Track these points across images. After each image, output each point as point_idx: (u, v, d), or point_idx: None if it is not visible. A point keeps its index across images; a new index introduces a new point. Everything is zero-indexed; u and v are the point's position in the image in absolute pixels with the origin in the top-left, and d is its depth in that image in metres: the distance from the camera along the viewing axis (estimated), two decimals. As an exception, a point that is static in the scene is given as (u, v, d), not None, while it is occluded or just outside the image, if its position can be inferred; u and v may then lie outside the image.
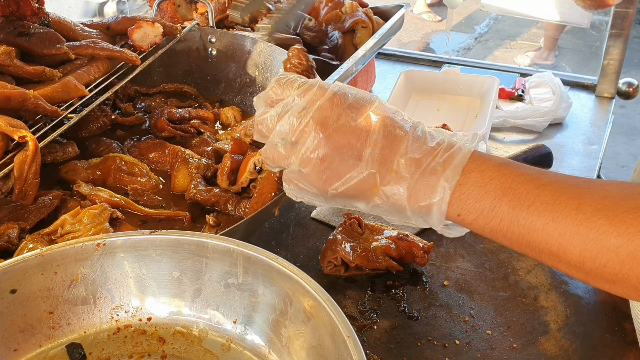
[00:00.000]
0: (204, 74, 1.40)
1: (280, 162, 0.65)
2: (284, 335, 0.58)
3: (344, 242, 0.99)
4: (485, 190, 0.59)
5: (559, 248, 0.56)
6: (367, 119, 0.62)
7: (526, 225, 0.57)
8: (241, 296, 0.61)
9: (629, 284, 0.54)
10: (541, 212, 0.56)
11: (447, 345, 0.89)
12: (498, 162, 0.61)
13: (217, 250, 0.62)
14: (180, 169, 1.09)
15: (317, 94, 0.63)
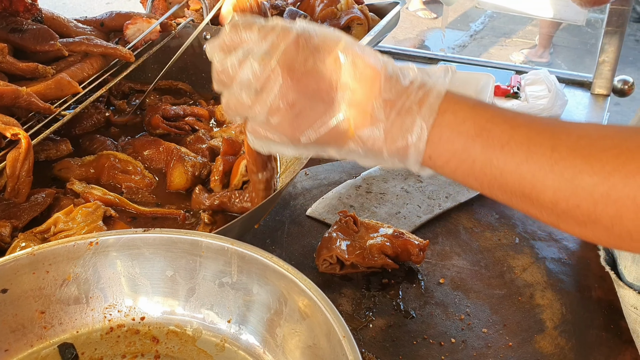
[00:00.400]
0: (198, 71, 1.39)
1: (244, 111, 0.60)
2: (279, 334, 0.57)
3: (340, 240, 0.98)
4: (458, 132, 0.56)
5: (532, 189, 0.54)
6: (336, 61, 0.58)
7: (499, 166, 0.55)
8: (235, 295, 0.61)
9: (601, 224, 0.53)
10: (515, 152, 0.54)
11: (442, 344, 0.89)
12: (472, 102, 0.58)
13: (211, 249, 0.61)
14: (176, 167, 1.08)
15: (280, 36, 0.58)
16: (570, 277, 1.01)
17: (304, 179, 1.21)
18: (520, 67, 1.95)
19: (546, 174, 0.53)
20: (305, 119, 0.58)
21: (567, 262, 1.03)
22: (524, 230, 1.09)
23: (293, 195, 1.17)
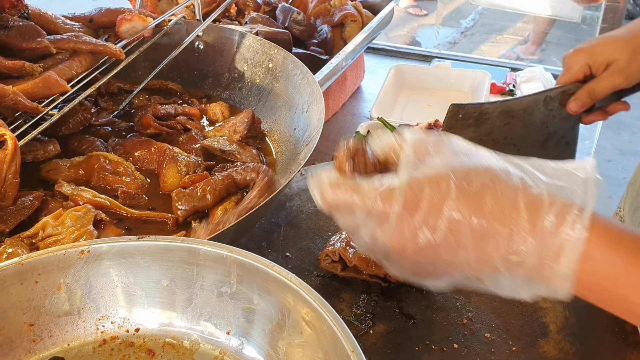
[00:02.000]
0: (190, 69, 1.36)
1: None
2: (281, 347, 0.55)
3: (349, 239, 0.96)
4: (611, 261, 0.52)
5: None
6: (457, 211, 0.52)
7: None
8: (235, 306, 0.58)
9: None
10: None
11: (445, 349, 0.87)
12: (618, 228, 0.53)
13: (209, 257, 0.58)
14: (169, 167, 1.05)
15: (386, 206, 0.54)
16: (572, 279, 0.99)
17: (300, 180, 1.19)
18: (515, 64, 1.93)
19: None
20: (449, 266, 0.55)
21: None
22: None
23: (289, 196, 1.14)
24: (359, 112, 1.82)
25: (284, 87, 1.17)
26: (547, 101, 0.88)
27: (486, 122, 0.82)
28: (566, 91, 0.90)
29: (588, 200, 0.54)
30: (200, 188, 0.95)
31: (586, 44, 0.93)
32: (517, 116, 0.85)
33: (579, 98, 0.91)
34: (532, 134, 0.89)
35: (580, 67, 0.91)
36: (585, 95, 0.91)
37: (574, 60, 0.92)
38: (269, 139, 1.16)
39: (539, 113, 0.88)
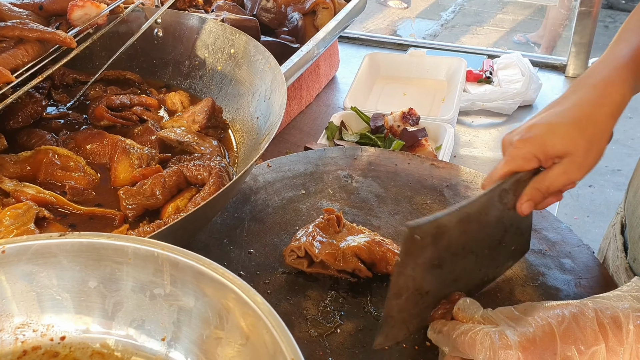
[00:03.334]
0: (149, 58, 1.28)
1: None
2: (220, 354, 0.48)
3: (315, 234, 0.89)
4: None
5: None
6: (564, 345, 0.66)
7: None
8: (169, 309, 0.52)
9: None
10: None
11: (417, 348, 0.81)
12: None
13: (139, 256, 0.52)
14: (120, 160, 0.97)
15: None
16: (551, 270, 0.93)
17: (266, 172, 1.12)
18: (492, 51, 1.88)
19: None
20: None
21: (547, 254, 0.96)
22: (502, 221, 1.01)
23: (254, 189, 1.08)
24: (334, 102, 1.76)
25: (247, 73, 1.10)
26: (502, 195, 0.78)
27: (444, 236, 0.73)
28: (520, 179, 0.78)
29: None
30: (149, 185, 0.88)
31: (530, 132, 0.78)
32: (474, 220, 0.76)
33: (531, 198, 0.78)
34: (489, 235, 0.80)
35: (529, 160, 0.77)
36: (537, 194, 0.78)
37: (520, 152, 0.77)
38: (231, 129, 1.10)
39: (495, 210, 0.78)
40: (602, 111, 0.77)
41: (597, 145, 0.76)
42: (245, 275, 0.91)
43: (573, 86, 0.82)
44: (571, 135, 0.76)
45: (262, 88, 1.04)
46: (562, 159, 0.76)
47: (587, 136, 0.76)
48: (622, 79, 0.79)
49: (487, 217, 0.78)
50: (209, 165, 0.89)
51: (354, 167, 1.15)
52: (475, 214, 0.76)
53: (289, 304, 0.87)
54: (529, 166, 0.78)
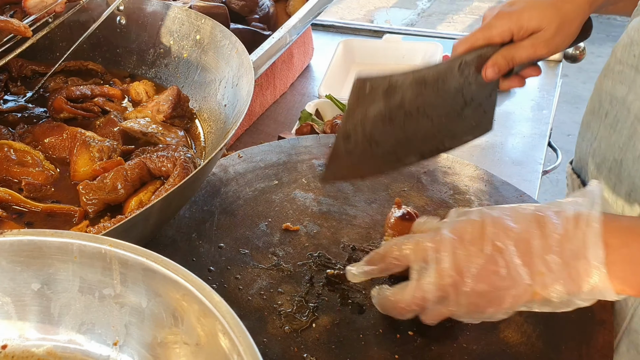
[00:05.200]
0: (112, 47, 1.23)
1: (447, 316, 0.69)
2: (175, 357, 0.44)
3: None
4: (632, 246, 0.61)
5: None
6: (492, 242, 0.64)
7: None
8: (121, 311, 0.47)
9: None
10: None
11: (399, 336, 0.77)
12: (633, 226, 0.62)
13: (86, 254, 0.47)
14: (80, 153, 0.92)
15: (439, 246, 0.66)
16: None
17: (237, 162, 1.07)
18: (469, 36, 1.85)
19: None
20: (496, 301, 0.65)
21: (529, 239, 0.94)
22: (481, 205, 0.98)
23: (224, 181, 1.03)
24: (309, 91, 1.71)
25: (213, 59, 1.05)
26: (463, 67, 0.79)
27: (396, 94, 0.75)
28: (482, 55, 0.80)
29: (595, 204, 0.63)
30: (110, 179, 0.83)
31: (512, 6, 0.82)
32: (430, 85, 0.77)
33: (496, 64, 0.81)
34: (446, 103, 0.81)
35: (502, 31, 0.81)
36: (503, 61, 0.81)
37: (497, 22, 0.81)
38: (198, 118, 1.05)
39: (454, 80, 0.79)
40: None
41: (567, 26, 0.81)
42: (215, 271, 0.86)
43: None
44: (547, 12, 0.81)
45: (229, 74, 0.99)
46: (533, 34, 0.81)
47: (560, 15, 0.81)
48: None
49: (445, 85, 0.79)
50: (174, 156, 0.84)
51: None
52: (432, 80, 0.77)
53: (262, 299, 0.83)
54: (501, 37, 0.81)
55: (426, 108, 0.79)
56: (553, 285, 0.62)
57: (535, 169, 1.37)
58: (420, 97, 0.77)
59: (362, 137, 0.76)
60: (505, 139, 1.46)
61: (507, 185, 1.04)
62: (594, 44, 4.26)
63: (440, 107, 0.81)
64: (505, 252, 0.63)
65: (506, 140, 1.45)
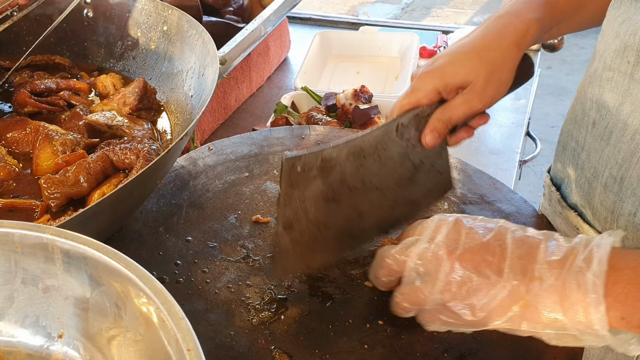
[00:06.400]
0: (80, 40, 1.20)
1: (422, 298, 0.65)
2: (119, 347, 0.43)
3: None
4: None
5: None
6: (497, 234, 0.61)
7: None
8: (65, 302, 0.45)
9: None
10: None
11: (368, 326, 0.76)
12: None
13: (27, 244, 0.45)
14: (42, 147, 0.90)
15: (441, 223, 0.64)
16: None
17: (207, 155, 1.06)
18: (446, 27, 1.84)
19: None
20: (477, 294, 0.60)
21: (502, 226, 0.93)
22: (453, 194, 0.97)
23: (193, 174, 1.01)
24: (286, 84, 1.70)
25: (180, 50, 1.03)
26: (401, 130, 0.74)
27: (334, 169, 0.69)
28: (419, 114, 0.75)
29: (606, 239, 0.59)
30: (72, 172, 0.81)
31: (434, 63, 0.76)
32: (369, 155, 0.71)
33: (435, 129, 0.76)
34: (394, 171, 0.75)
35: (427, 92, 0.75)
36: (440, 125, 0.76)
37: (421, 83, 0.75)
38: (166, 111, 1.03)
39: (395, 146, 0.74)
40: (504, 40, 0.75)
41: (498, 74, 0.75)
42: (182, 265, 0.85)
43: (483, 23, 0.81)
44: (471, 63, 0.74)
45: (196, 65, 0.97)
46: (464, 89, 0.75)
47: (487, 64, 0.74)
48: (528, 10, 0.77)
49: (387, 152, 0.74)
50: (137, 148, 0.82)
51: (301, 147, 1.10)
52: (370, 149, 0.72)
53: (230, 292, 0.81)
54: (427, 99, 0.75)
55: (372, 179, 0.73)
56: (542, 294, 0.57)
57: (512, 158, 1.37)
58: (362, 169, 0.71)
59: (306, 223, 0.70)
60: (482, 128, 1.44)
61: (480, 173, 1.03)
62: (577, 36, 4.27)
63: (388, 177, 0.75)
64: (505, 247, 0.60)
65: (483, 130, 1.44)
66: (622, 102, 0.74)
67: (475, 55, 0.74)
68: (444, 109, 0.76)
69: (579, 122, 0.84)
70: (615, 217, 0.78)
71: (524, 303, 0.58)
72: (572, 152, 0.88)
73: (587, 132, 0.82)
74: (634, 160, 0.73)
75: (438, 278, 0.61)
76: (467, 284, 0.60)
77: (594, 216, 0.82)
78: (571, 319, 0.57)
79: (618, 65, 0.74)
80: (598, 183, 0.80)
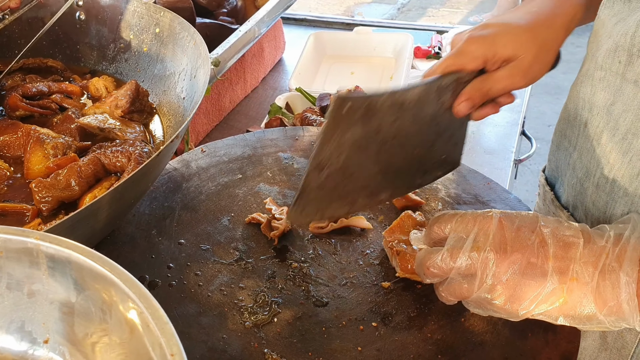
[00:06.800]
0: (73, 43, 1.20)
1: (467, 295, 0.65)
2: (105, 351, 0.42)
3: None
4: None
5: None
6: (539, 234, 0.63)
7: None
8: (50, 307, 0.45)
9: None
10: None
11: (362, 328, 0.76)
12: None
13: (12, 248, 0.45)
14: (33, 151, 0.89)
15: (484, 223, 0.64)
16: (500, 242, 0.89)
17: (200, 157, 1.05)
18: (441, 27, 1.84)
19: None
20: (522, 294, 0.62)
21: (496, 226, 0.92)
22: (447, 195, 0.97)
23: (186, 176, 1.01)
24: (281, 85, 1.70)
25: (172, 52, 1.03)
26: (440, 91, 0.73)
27: (375, 117, 0.68)
28: (460, 79, 0.73)
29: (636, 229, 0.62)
30: (64, 176, 0.81)
31: (484, 30, 0.74)
32: (408, 109, 0.70)
33: (470, 98, 0.74)
34: (421, 133, 0.74)
35: (475, 58, 0.72)
36: (478, 95, 0.74)
37: (470, 47, 0.73)
38: (158, 113, 1.02)
39: (431, 106, 0.73)
40: (556, 21, 0.75)
41: (545, 53, 0.74)
42: (175, 267, 0.84)
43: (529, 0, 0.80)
44: (523, 38, 0.73)
45: (188, 67, 0.97)
46: (509, 63, 0.73)
47: (538, 42, 0.73)
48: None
49: (422, 111, 0.72)
50: (128, 150, 0.82)
51: (295, 148, 1.09)
52: (410, 104, 0.71)
53: (222, 295, 0.81)
54: (474, 64, 0.73)
55: (402, 136, 0.72)
56: (579, 293, 0.60)
57: (507, 157, 1.37)
58: (398, 122, 0.70)
59: (335, 169, 0.68)
60: (477, 128, 1.45)
61: (474, 173, 1.03)
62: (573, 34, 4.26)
63: (414, 137, 0.74)
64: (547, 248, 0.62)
65: (479, 130, 1.44)
66: (613, 102, 0.74)
67: (529, 31, 0.73)
68: (484, 79, 0.74)
69: (571, 121, 0.83)
70: (607, 218, 0.77)
71: (563, 301, 0.61)
72: (564, 151, 0.87)
73: (579, 132, 0.81)
74: (626, 161, 0.73)
75: (485, 280, 0.63)
76: (514, 286, 0.62)
77: (586, 216, 0.81)
78: (606, 314, 0.60)
79: (609, 65, 0.74)
80: (590, 183, 0.79)
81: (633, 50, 0.69)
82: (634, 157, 0.71)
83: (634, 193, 0.73)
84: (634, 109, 0.70)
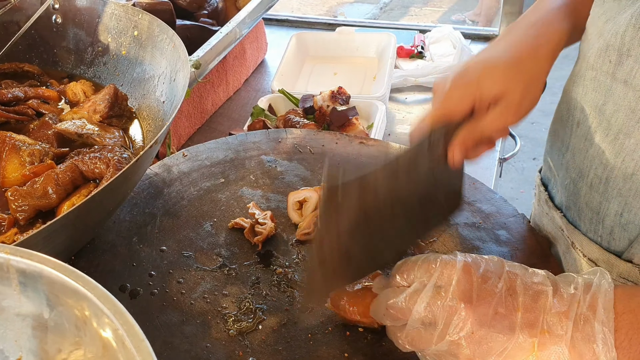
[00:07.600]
0: (49, 47, 1.17)
1: (425, 345, 0.61)
2: (79, 371, 0.41)
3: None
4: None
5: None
6: (506, 281, 0.59)
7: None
8: (23, 324, 0.43)
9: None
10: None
11: (348, 334, 0.75)
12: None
13: (-19, 262, 0.43)
14: (9, 158, 0.87)
15: (447, 269, 0.61)
16: (485, 243, 0.89)
17: (182, 162, 1.03)
18: (423, 26, 1.84)
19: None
20: (487, 347, 0.58)
21: (482, 227, 0.92)
22: (433, 196, 0.96)
23: (167, 181, 0.99)
24: (263, 87, 1.68)
25: (151, 55, 1.01)
26: (431, 148, 0.70)
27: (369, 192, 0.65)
28: (450, 128, 0.70)
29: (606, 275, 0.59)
30: (40, 184, 0.79)
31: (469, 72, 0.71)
32: (402, 172, 0.68)
33: (463, 143, 0.70)
34: (418, 191, 0.71)
35: (462, 105, 0.70)
36: (470, 139, 0.70)
37: (454, 94, 0.70)
38: (138, 117, 1.00)
39: (424, 164, 0.70)
40: (540, 51, 0.72)
41: (534, 86, 0.71)
42: (157, 275, 0.82)
43: (507, 29, 0.77)
44: (509, 76, 0.70)
45: (167, 70, 0.95)
46: (498, 102, 0.70)
47: (524, 77, 0.70)
48: (558, 18, 0.75)
49: (417, 170, 0.70)
50: (107, 156, 0.80)
51: (278, 151, 1.08)
52: (403, 168, 0.68)
53: (206, 302, 0.79)
54: (461, 113, 0.70)
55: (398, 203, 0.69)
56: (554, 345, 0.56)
57: (492, 156, 1.36)
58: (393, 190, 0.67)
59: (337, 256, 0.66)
60: (461, 127, 1.44)
61: (459, 173, 1.02)
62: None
63: (411, 197, 0.71)
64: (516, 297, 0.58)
65: (462, 129, 1.43)
66: (605, 102, 0.73)
67: (513, 67, 0.70)
68: (475, 124, 0.70)
69: (564, 121, 0.83)
70: (600, 218, 0.77)
71: (534, 356, 0.57)
72: (557, 152, 0.86)
73: (572, 132, 0.81)
74: (619, 161, 0.72)
75: (447, 331, 0.58)
76: (479, 340, 0.58)
77: (579, 217, 0.81)
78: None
79: (600, 65, 0.72)
80: (583, 183, 0.78)
81: (623, 49, 0.69)
82: (627, 157, 0.70)
83: (627, 193, 0.72)
84: (624, 109, 0.70)
